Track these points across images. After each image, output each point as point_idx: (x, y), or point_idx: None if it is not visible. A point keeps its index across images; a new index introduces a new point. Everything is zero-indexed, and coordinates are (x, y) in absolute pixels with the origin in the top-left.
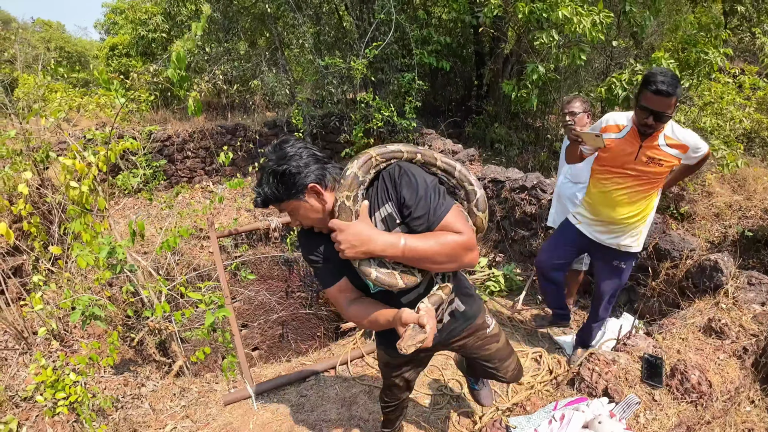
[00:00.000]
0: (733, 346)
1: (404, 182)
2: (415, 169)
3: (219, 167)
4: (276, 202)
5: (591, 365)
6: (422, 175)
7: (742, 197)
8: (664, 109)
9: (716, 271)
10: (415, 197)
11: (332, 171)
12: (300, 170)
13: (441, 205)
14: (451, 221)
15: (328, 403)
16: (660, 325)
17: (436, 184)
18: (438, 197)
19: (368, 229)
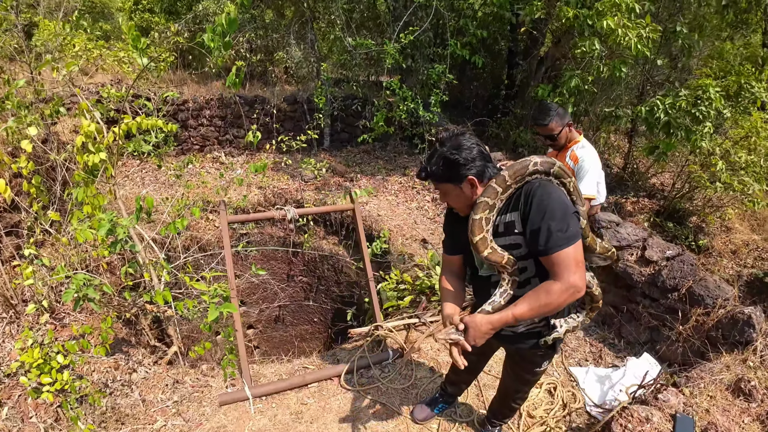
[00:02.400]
0: (758, 410)
1: (536, 201)
2: (554, 189)
3: (233, 138)
4: (436, 180)
5: (623, 421)
6: (558, 198)
7: (761, 237)
8: (547, 134)
9: (748, 326)
10: (537, 215)
11: (491, 170)
12: (467, 162)
13: (564, 232)
14: (566, 257)
15: (329, 415)
16: (687, 378)
17: (567, 210)
18: (565, 226)
19: (484, 323)
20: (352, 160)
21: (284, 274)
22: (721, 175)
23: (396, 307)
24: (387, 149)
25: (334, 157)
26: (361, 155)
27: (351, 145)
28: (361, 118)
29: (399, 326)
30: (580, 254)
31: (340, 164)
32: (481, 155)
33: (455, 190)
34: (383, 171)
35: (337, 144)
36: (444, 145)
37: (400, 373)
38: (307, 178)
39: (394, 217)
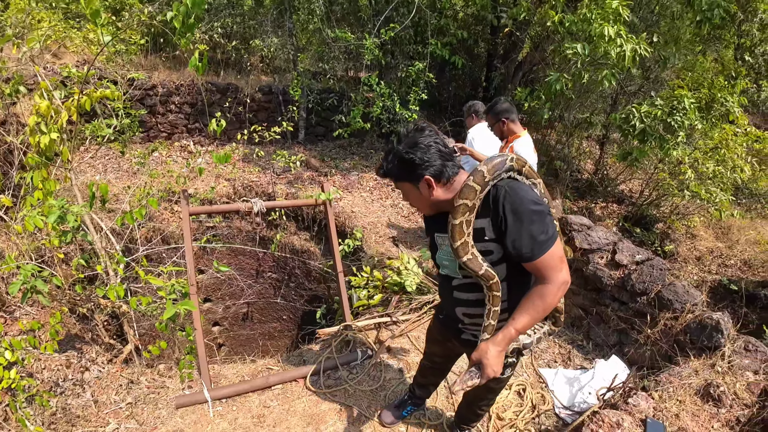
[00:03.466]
0: (727, 416)
1: (510, 207)
2: (525, 190)
3: (203, 127)
4: (393, 179)
5: (594, 426)
6: (533, 200)
7: (725, 245)
8: None
9: (717, 332)
10: (515, 224)
11: (450, 169)
12: (423, 162)
13: (544, 234)
14: (551, 259)
15: (293, 418)
16: (657, 381)
17: (544, 211)
18: (545, 228)
19: (493, 353)
20: (327, 155)
21: (253, 270)
22: (689, 183)
23: (366, 306)
24: (363, 145)
25: (308, 151)
26: (336, 150)
27: (326, 139)
28: (337, 113)
29: (369, 325)
30: (562, 249)
31: (314, 158)
32: (439, 154)
33: (413, 191)
34: (359, 167)
35: (312, 138)
36: (400, 143)
37: (369, 375)
38: (279, 170)
39: (368, 215)
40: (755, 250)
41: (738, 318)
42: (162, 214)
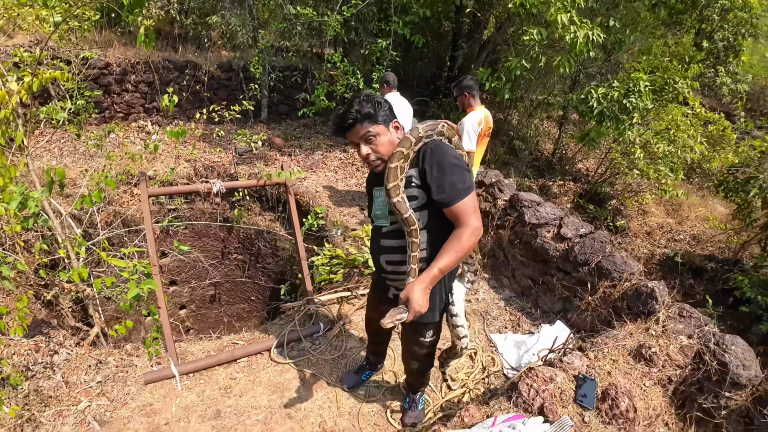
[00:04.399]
0: (659, 374)
1: (435, 159)
2: (448, 148)
3: (160, 106)
4: (368, 121)
5: (529, 381)
6: (454, 155)
7: (675, 221)
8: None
9: (651, 299)
10: (439, 174)
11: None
12: (390, 109)
13: (462, 183)
14: (466, 206)
15: (258, 388)
16: (593, 343)
17: (462, 165)
18: (463, 179)
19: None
20: (291, 134)
21: (218, 252)
22: (638, 162)
23: (328, 282)
24: (328, 124)
25: (271, 130)
26: (300, 129)
27: (290, 118)
28: (300, 91)
29: (332, 300)
30: (476, 201)
31: (277, 137)
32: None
33: (386, 133)
34: (323, 146)
35: (275, 116)
36: (364, 95)
37: (331, 345)
38: (241, 150)
39: (333, 194)
40: (704, 225)
41: (684, 289)
42: (121, 197)
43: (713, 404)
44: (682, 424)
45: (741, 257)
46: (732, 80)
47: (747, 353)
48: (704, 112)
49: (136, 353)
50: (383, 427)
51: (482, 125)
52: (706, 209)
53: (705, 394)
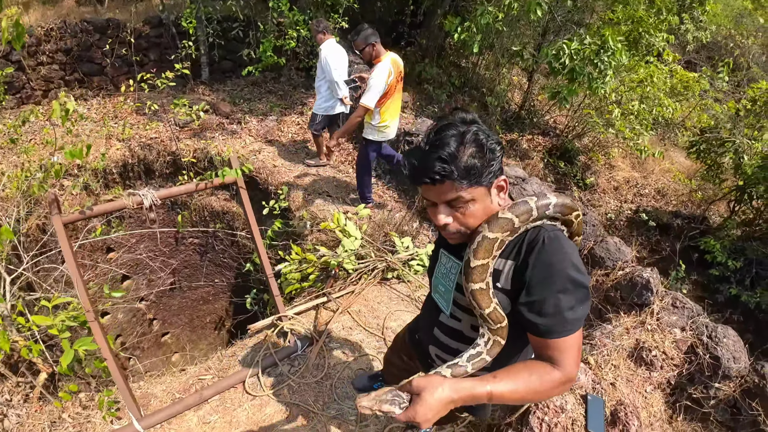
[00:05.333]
0: (659, 378)
1: (544, 259)
2: (570, 247)
3: (83, 77)
4: (468, 182)
5: (540, 414)
6: (572, 260)
7: (640, 175)
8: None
9: (646, 290)
10: (547, 286)
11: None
12: (496, 157)
13: (572, 313)
14: (570, 345)
15: (238, 430)
16: (592, 345)
17: (582, 279)
18: (577, 303)
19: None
20: (239, 96)
21: (171, 239)
22: (615, 121)
23: (300, 289)
24: (281, 81)
25: (215, 93)
26: (249, 89)
27: (236, 76)
28: (245, 46)
29: (307, 309)
30: (581, 339)
31: (223, 102)
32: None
33: (485, 199)
34: (277, 109)
35: (219, 76)
36: (466, 123)
37: (312, 365)
38: (181, 122)
39: (293, 168)
40: (668, 178)
41: (651, 246)
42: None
43: (702, 394)
44: (671, 412)
45: (707, 215)
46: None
47: (737, 344)
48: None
49: (91, 404)
50: None
51: (392, 76)
52: (669, 162)
53: (695, 384)
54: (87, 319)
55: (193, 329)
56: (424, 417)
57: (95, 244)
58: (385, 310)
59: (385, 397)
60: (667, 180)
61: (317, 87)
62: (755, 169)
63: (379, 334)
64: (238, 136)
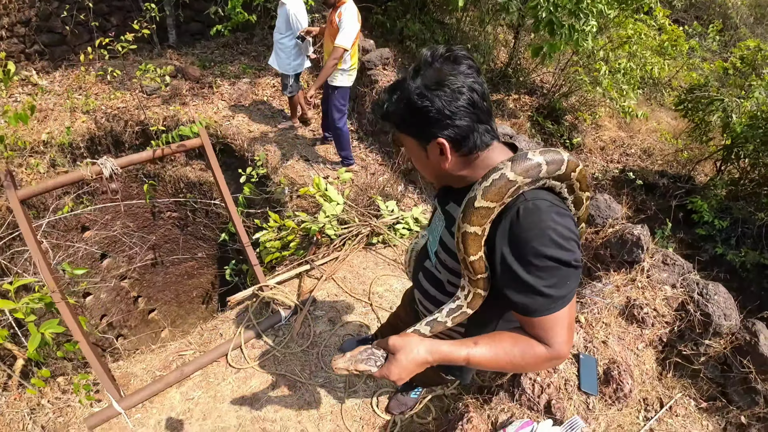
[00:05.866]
0: (650, 335)
1: (513, 230)
2: (548, 217)
3: (43, 48)
4: (393, 127)
5: (532, 374)
6: (550, 233)
7: (627, 134)
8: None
9: (637, 247)
10: (537, 250)
11: (481, 137)
12: (440, 117)
13: (558, 290)
14: (553, 323)
15: (222, 405)
16: (582, 304)
17: (569, 257)
18: (558, 282)
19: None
20: (208, 59)
21: (147, 214)
22: (603, 80)
23: (281, 258)
24: (253, 42)
25: (183, 57)
26: (220, 51)
27: (205, 38)
28: (211, 3)
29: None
30: (573, 314)
31: (192, 66)
32: (470, 107)
33: (416, 150)
34: (250, 71)
35: (187, 38)
36: (417, 76)
37: (297, 334)
38: (149, 90)
39: (269, 133)
40: (654, 138)
41: (636, 205)
42: (16, 175)
43: (693, 351)
44: (660, 369)
45: (692, 175)
46: None
47: (728, 302)
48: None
49: (70, 388)
50: (369, 420)
51: (359, 17)
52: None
53: (685, 342)
54: (53, 300)
55: (180, 304)
56: (398, 376)
57: (69, 224)
58: (371, 275)
59: (360, 356)
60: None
61: (281, 44)
62: (744, 128)
63: (365, 300)
64: (209, 101)
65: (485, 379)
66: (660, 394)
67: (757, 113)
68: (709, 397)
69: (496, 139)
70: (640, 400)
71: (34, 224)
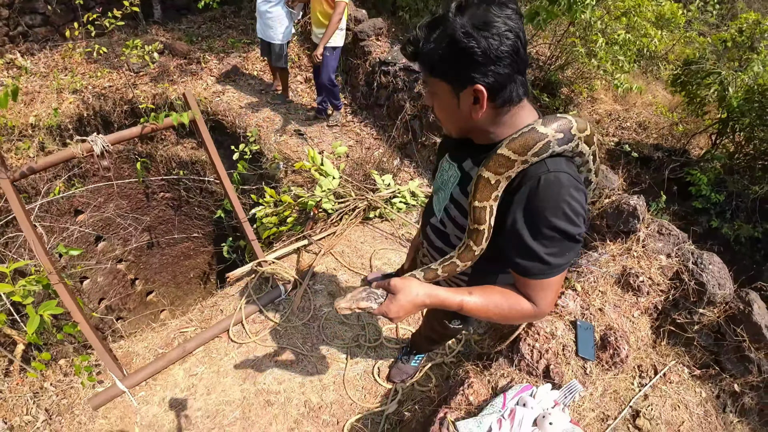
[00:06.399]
0: (645, 303)
1: (529, 197)
2: (565, 190)
3: (27, 30)
4: (427, 69)
5: (531, 341)
6: (565, 206)
7: (622, 108)
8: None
9: (633, 217)
10: (548, 219)
11: (516, 90)
12: (484, 60)
13: (557, 259)
14: (546, 286)
15: (226, 379)
16: (579, 273)
17: (573, 231)
18: (567, 246)
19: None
20: (196, 34)
21: (141, 195)
22: (599, 51)
23: (278, 233)
24: (242, 14)
25: (170, 32)
26: (207, 26)
27: (191, 12)
28: None
29: (288, 253)
30: (562, 281)
31: (179, 41)
32: (514, 55)
33: (447, 96)
34: (239, 46)
35: (173, 13)
36: (463, 13)
37: (297, 308)
38: (136, 67)
39: (260, 108)
40: (649, 112)
41: (631, 178)
42: (8, 158)
43: (687, 320)
44: (654, 337)
45: (687, 148)
46: None
47: (723, 271)
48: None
49: (72, 370)
50: (371, 389)
51: None
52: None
53: (680, 310)
54: (50, 281)
55: (178, 285)
56: (396, 314)
57: (62, 208)
58: (370, 249)
59: (361, 295)
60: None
61: (270, 14)
62: (740, 102)
63: (364, 273)
64: (198, 77)
65: (484, 347)
66: (654, 361)
67: (753, 87)
68: (702, 364)
69: (527, 96)
70: (635, 366)
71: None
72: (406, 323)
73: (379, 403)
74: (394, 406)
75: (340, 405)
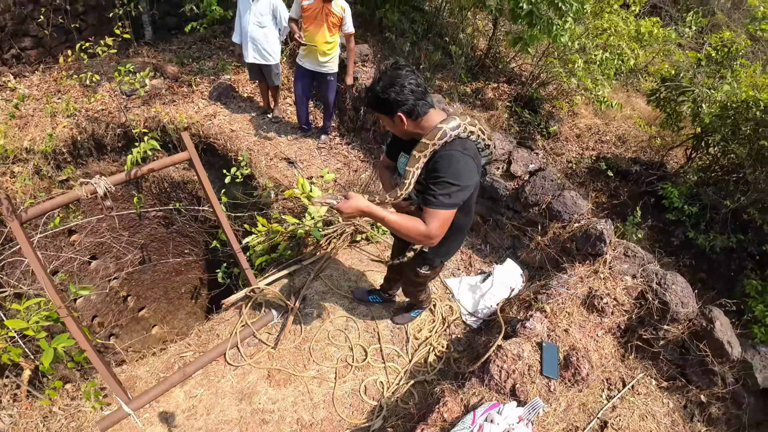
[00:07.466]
0: (609, 323)
1: (443, 163)
2: (465, 161)
3: (19, 52)
4: (373, 110)
5: (500, 362)
6: (460, 170)
7: (602, 121)
8: None
9: (600, 241)
10: (442, 176)
11: (421, 107)
12: (397, 101)
13: (445, 199)
14: (434, 215)
15: (224, 400)
16: (548, 295)
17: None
18: (452, 192)
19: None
20: (186, 55)
21: (133, 215)
22: (578, 72)
23: (270, 261)
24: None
25: (161, 54)
26: (197, 46)
27: (182, 32)
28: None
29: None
30: (449, 219)
31: (170, 64)
32: (412, 93)
33: (388, 120)
34: (229, 67)
35: (164, 34)
36: (380, 81)
37: (290, 331)
38: (128, 91)
39: (252, 131)
40: (629, 125)
41: (610, 191)
42: (3, 182)
43: (653, 335)
44: (623, 351)
45: (664, 162)
46: None
47: (686, 290)
48: (641, 23)
49: (79, 394)
50: (358, 406)
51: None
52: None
53: (645, 327)
54: (60, 315)
55: (169, 301)
56: (346, 210)
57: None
58: (357, 272)
59: (327, 197)
60: (628, 126)
61: (266, 36)
62: (713, 118)
63: (351, 296)
64: (189, 99)
65: (461, 366)
66: (622, 375)
67: (726, 104)
68: (669, 377)
69: (432, 107)
70: (604, 380)
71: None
72: (389, 343)
73: (365, 419)
74: (379, 422)
75: (330, 422)
